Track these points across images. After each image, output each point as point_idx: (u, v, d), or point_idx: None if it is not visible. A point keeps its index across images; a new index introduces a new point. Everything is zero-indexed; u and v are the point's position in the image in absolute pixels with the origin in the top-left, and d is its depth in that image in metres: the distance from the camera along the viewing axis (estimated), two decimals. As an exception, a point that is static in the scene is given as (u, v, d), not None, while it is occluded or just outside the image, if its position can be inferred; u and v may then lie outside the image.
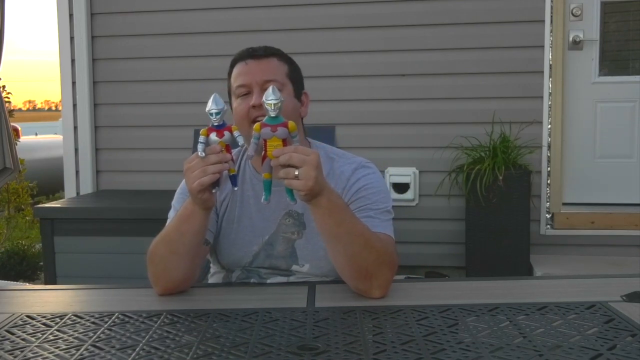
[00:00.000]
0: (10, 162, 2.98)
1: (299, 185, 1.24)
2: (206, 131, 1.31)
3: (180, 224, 1.38)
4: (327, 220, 1.33)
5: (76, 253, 3.23)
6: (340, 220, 1.32)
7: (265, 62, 1.52)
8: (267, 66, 1.52)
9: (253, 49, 1.55)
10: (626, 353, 1.00)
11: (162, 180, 3.81)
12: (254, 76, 1.50)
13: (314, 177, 1.24)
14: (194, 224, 1.37)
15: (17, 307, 1.37)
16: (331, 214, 1.31)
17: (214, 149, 1.29)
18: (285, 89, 1.51)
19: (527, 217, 3.44)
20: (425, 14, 3.70)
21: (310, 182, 1.24)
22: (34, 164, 6.02)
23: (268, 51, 1.55)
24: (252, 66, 1.52)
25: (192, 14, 3.89)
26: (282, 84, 1.50)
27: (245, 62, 1.53)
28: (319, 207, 1.31)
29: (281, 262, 1.53)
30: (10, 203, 5.00)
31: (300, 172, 1.23)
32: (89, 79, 3.95)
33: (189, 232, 1.38)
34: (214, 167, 1.28)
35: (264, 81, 1.48)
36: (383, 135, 3.79)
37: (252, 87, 1.49)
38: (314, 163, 1.24)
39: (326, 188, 1.31)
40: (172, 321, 1.22)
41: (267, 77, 1.49)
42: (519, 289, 1.46)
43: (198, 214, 1.36)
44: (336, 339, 1.09)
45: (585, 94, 3.73)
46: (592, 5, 3.69)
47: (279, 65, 1.54)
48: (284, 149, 1.25)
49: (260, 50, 1.55)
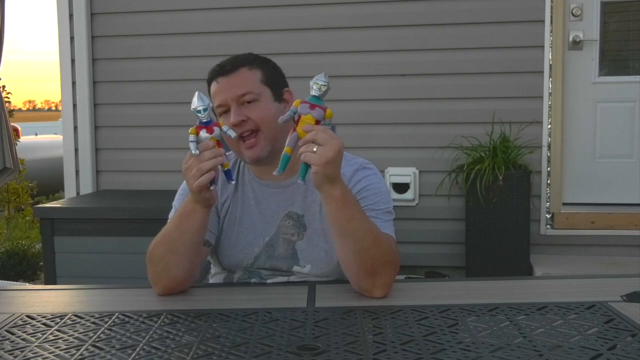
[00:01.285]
0: (10, 162, 2.98)
1: (314, 158, 1.26)
2: (195, 129, 1.32)
3: (181, 223, 1.39)
4: (339, 214, 1.34)
5: (76, 253, 3.22)
6: (352, 215, 1.34)
7: (234, 77, 1.49)
8: (237, 80, 1.48)
9: (221, 65, 1.51)
10: (626, 353, 1.00)
11: (162, 180, 3.81)
12: (226, 94, 1.47)
13: (332, 157, 1.26)
14: (194, 222, 1.38)
15: (17, 307, 1.37)
16: (344, 207, 1.33)
17: (207, 145, 1.31)
18: (262, 97, 1.49)
19: (527, 217, 3.44)
20: (425, 14, 3.69)
21: (325, 160, 1.25)
22: (34, 164, 6.02)
23: (236, 63, 1.51)
24: (223, 84, 1.49)
25: (192, 14, 3.88)
26: (257, 94, 1.48)
27: (217, 80, 1.50)
28: (332, 198, 1.32)
29: (282, 264, 1.53)
30: (10, 203, 5.00)
31: (319, 149, 1.26)
32: (89, 79, 3.94)
33: (190, 230, 1.38)
34: (209, 164, 1.30)
35: (237, 96, 1.46)
36: (383, 135, 3.79)
37: (229, 104, 1.47)
38: (336, 147, 1.26)
39: (340, 180, 1.33)
40: (172, 321, 1.22)
41: (239, 91, 1.46)
42: (519, 289, 1.46)
43: (199, 212, 1.37)
44: (336, 339, 1.09)
45: (585, 94, 3.72)
46: (592, 5, 3.68)
47: (250, 74, 1.50)
48: (314, 126, 1.28)
49: (228, 64, 1.50)
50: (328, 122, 1.31)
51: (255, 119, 1.47)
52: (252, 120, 1.47)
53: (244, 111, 1.47)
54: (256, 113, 1.47)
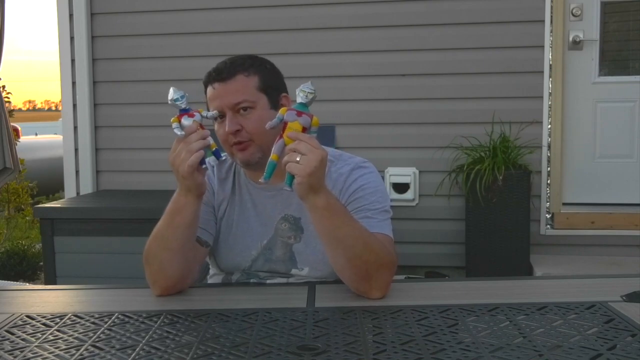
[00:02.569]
0: (10, 162, 2.98)
1: (297, 168, 1.25)
2: (177, 118, 1.36)
3: (172, 218, 1.38)
4: (325, 223, 1.32)
5: (76, 253, 3.22)
6: (339, 224, 1.32)
7: (231, 84, 1.46)
8: (233, 87, 1.46)
9: (218, 69, 1.49)
10: (626, 353, 1.00)
11: (162, 180, 3.81)
12: (222, 100, 1.46)
13: (314, 168, 1.24)
14: (186, 216, 1.37)
15: (17, 307, 1.37)
16: (330, 215, 1.31)
17: (191, 129, 1.33)
18: (258, 105, 1.47)
19: (527, 217, 3.44)
20: (425, 14, 3.69)
21: (308, 170, 1.24)
22: (34, 164, 6.02)
23: (232, 70, 1.47)
24: (220, 90, 1.47)
25: (192, 14, 3.88)
26: (252, 102, 1.46)
27: (213, 86, 1.48)
28: (316, 208, 1.30)
29: (280, 266, 1.53)
30: (10, 203, 5.00)
31: (302, 158, 1.24)
32: (89, 79, 3.94)
33: (182, 225, 1.38)
34: (197, 144, 1.31)
35: (232, 105, 1.45)
36: (383, 135, 3.79)
37: (224, 111, 1.46)
38: (318, 157, 1.25)
39: (324, 190, 1.31)
40: (172, 321, 1.22)
41: (235, 99, 1.45)
42: (519, 289, 1.46)
43: (190, 205, 1.37)
44: (336, 339, 1.09)
45: (585, 94, 3.72)
46: (592, 5, 3.68)
47: (247, 81, 1.47)
48: (298, 134, 1.27)
49: (225, 70, 1.47)
50: (314, 130, 1.30)
51: (250, 130, 1.45)
52: (246, 131, 1.45)
53: (239, 119, 1.45)
54: (251, 123, 1.45)
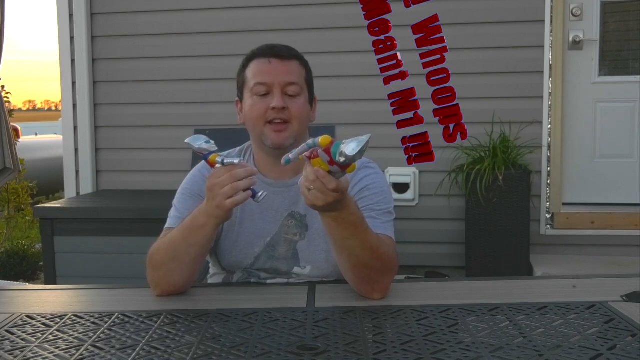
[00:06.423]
0: (10, 162, 2.98)
1: (306, 199, 1.21)
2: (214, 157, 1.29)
3: (189, 236, 1.36)
4: (332, 232, 1.30)
5: (76, 253, 3.22)
6: (347, 235, 1.29)
7: (288, 64, 1.50)
8: (290, 68, 1.50)
9: (276, 47, 1.51)
10: (626, 353, 1.00)
11: (162, 180, 3.81)
12: (276, 77, 1.47)
13: (319, 207, 1.21)
14: (204, 236, 1.35)
15: (17, 307, 1.37)
16: (337, 226, 1.27)
17: (242, 164, 1.28)
18: (303, 94, 1.50)
19: (527, 217, 3.44)
20: (425, 14, 3.68)
21: (312, 204, 1.21)
22: (34, 164, 6.01)
23: (291, 53, 1.52)
24: (276, 66, 1.48)
25: (192, 14, 3.88)
26: (301, 88, 1.50)
27: (269, 60, 1.49)
28: (323, 216, 1.27)
29: (282, 264, 1.52)
30: (10, 203, 4.99)
31: (312, 193, 1.19)
32: (89, 79, 3.94)
33: (198, 244, 1.36)
34: (245, 182, 1.26)
35: (286, 83, 1.47)
36: (383, 135, 3.76)
37: (272, 87, 1.47)
38: (324, 200, 1.19)
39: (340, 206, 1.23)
40: (172, 321, 1.22)
41: (289, 79, 1.47)
42: (519, 289, 1.46)
43: (210, 227, 1.33)
44: (336, 339, 1.09)
45: (585, 94, 3.72)
46: (592, 5, 3.68)
47: (300, 69, 1.52)
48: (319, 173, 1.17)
49: (284, 50, 1.51)
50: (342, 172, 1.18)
51: (293, 112, 1.47)
52: (290, 112, 1.47)
53: (285, 100, 1.47)
54: (295, 107, 1.47)
